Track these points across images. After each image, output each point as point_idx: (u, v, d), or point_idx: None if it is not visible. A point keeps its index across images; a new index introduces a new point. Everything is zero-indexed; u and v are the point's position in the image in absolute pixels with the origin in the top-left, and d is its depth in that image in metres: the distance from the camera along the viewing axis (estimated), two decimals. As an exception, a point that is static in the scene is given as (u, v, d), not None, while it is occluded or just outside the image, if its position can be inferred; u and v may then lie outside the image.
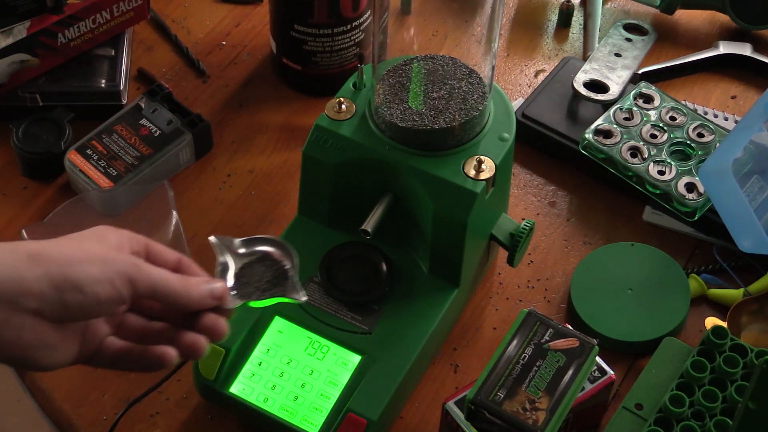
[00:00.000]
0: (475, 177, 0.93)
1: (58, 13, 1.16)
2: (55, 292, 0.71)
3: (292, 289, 0.86)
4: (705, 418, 0.92)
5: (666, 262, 1.07)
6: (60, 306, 0.72)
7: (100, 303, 0.73)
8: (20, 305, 0.70)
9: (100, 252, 0.74)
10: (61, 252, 0.73)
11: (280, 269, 0.87)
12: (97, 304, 0.73)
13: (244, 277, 0.85)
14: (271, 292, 0.85)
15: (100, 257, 0.74)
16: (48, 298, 0.71)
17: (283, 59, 1.21)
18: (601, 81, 1.18)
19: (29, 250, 0.72)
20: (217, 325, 0.79)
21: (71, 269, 0.72)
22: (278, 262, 0.87)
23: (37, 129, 1.14)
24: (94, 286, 0.72)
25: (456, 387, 1.00)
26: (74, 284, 0.72)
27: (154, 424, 0.98)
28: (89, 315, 0.74)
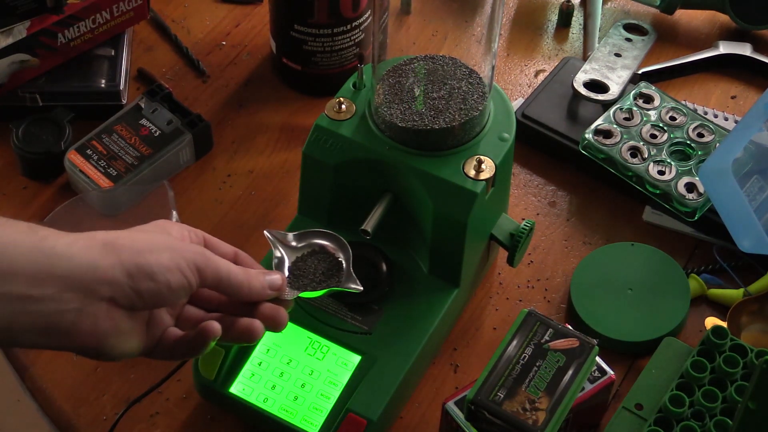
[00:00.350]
0: (475, 177, 0.93)
1: (58, 13, 1.16)
2: (128, 279, 0.73)
3: (347, 280, 0.89)
4: (705, 418, 0.92)
5: (666, 262, 1.07)
6: (133, 294, 0.74)
7: (170, 290, 0.75)
8: (96, 293, 0.72)
9: (169, 241, 0.77)
10: (132, 241, 0.75)
11: (333, 261, 0.90)
12: (168, 292, 0.75)
13: (298, 270, 0.88)
14: (326, 284, 0.89)
15: (170, 246, 0.76)
16: (122, 286, 0.73)
17: (283, 59, 1.21)
18: (601, 81, 1.17)
19: (103, 239, 0.74)
20: (278, 315, 0.81)
21: (144, 257, 0.74)
22: (331, 254, 0.90)
23: (37, 129, 1.14)
24: (166, 274, 0.74)
25: (456, 387, 1.00)
26: (147, 272, 0.74)
27: (154, 424, 0.98)
28: (160, 303, 0.76)
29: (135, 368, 1.01)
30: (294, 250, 0.90)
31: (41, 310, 0.71)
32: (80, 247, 0.73)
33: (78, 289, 0.72)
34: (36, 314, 0.71)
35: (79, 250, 0.72)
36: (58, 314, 0.71)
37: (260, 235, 1.10)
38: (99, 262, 0.72)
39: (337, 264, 0.90)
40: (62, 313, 0.71)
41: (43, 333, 0.72)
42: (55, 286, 0.71)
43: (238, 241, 1.09)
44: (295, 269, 0.88)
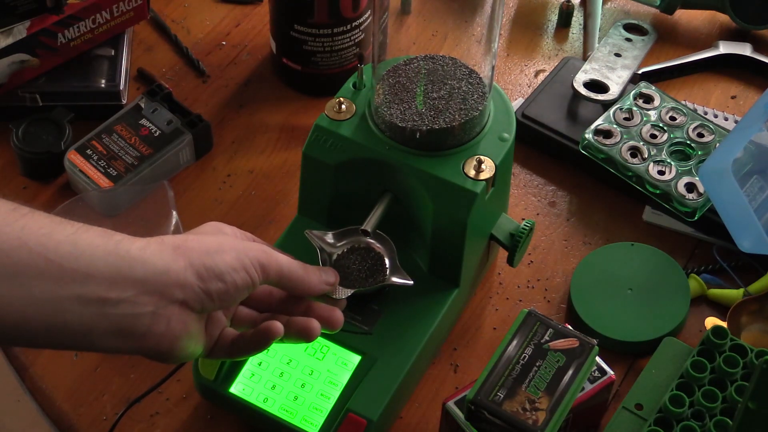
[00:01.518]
0: (475, 177, 0.93)
1: (58, 13, 1.16)
2: (199, 281, 0.75)
3: (393, 274, 0.92)
4: (705, 418, 0.92)
5: (666, 262, 1.07)
6: (204, 295, 0.75)
7: (237, 290, 0.77)
8: (170, 296, 0.74)
9: (232, 241, 0.79)
10: (200, 243, 0.77)
11: (375, 256, 0.93)
12: (235, 291, 0.77)
13: (341, 268, 0.92)
14: (374, 279, 0.92)
15: (233, 246, 0.78)
16: (193, 288, 0.75)
17: (283, 59, 1.21)
18: (601, 81, 1.18)
19: (173, 242, 0.76)
20: (333, 314, 0.84)
21: (212, 259, 0.76)
22: (372, 250, 0.94)
23: (37, 129, 1.14)
24: (233, 274, 0.76)
25: (456, 387, 1.00)
26: (216, 273, 0.76)
27: (154, 424, 0.98)
28: (227, 303, 0.78)
29: (135, 368, 1.01)
30: (335, 248, 0.93)
31: (118, 313, 0.72)
32: (153, 251, 0.74)
33: (153, 293, 0.73)
34: (113, 317, 0.72)
35: (152, 254, 0.74)
36: (134, 317, 0.73)
37: (260, 235, 1.09)
38: (171, 266, 0.74)
39: (380, 258, 0.92)
40: (138, 316, 0.73)
41: (120, 336, 0.73)
42: (131, 289, 0.72)
43: (238, 241, 1.09)
44: (338, 267, 0.91)
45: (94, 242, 0.73)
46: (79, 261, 0.71)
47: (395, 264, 0.93)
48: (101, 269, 0.72)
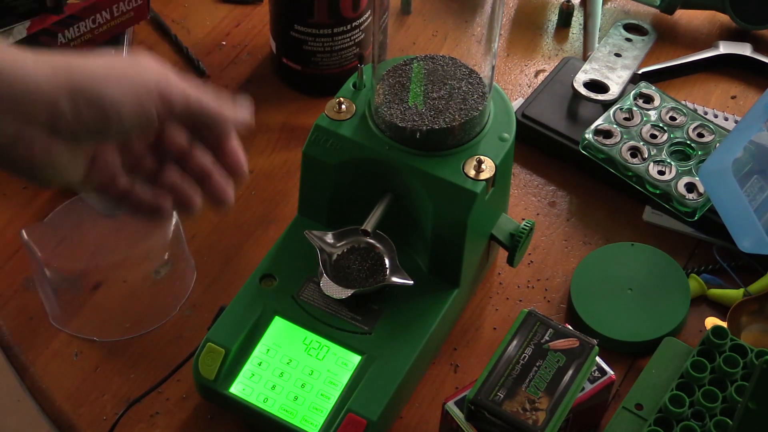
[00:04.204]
0: (475, 177, 0.93)
1: (58, 13, 1.16)
2: (72, 106, 0.67)
3: (394, 274, 0.92)
4: (705, 418, 0.92)
5: (666, 262, 1.07)
6: (76, 123, 0.68)
7: (122, 122, 0.69)
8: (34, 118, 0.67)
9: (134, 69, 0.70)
10: (87, 66, 0.69)
11: (375, 256, 0.93)
12: (119, 124, 0.69)
13: (342, 268, 0.91)
14: (374, 279, 0.92)
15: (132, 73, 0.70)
16: (64, 114, 0.67)
17: (283, 59, 1.21)
18: (601, 81, 1.18)
19: (55, 62, 0.68)
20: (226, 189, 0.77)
21: (96, 84, 0.68)
22: (372, 250, 0.93)
23: (37, 129, 1.14)
24: (116, 105, 0.68)
25: (456, 387, 1.00)
26: (95, 100, 0.68)
27: (154, 424, 0.98)
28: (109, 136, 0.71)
29: (135, 368, 1.01)
30: (334, 248, 0.92)
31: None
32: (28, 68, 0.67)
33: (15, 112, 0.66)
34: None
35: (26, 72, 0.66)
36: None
37: (260, 235, 1.10)
38: (42, 86, 0.66)
39: (380, 259, 0.92)
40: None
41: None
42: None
43: (238, 241, 1.09)
44: (338, 268, 0.91)
45: None
46: None
47: (395, 264, 0.93)
48: None
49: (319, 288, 0.97)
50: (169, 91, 0.71)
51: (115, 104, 0.68)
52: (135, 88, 0.69)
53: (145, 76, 0.70)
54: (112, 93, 0.68)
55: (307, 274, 0.98)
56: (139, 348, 1.02)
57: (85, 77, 0.68)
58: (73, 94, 0.67)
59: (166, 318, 1.04)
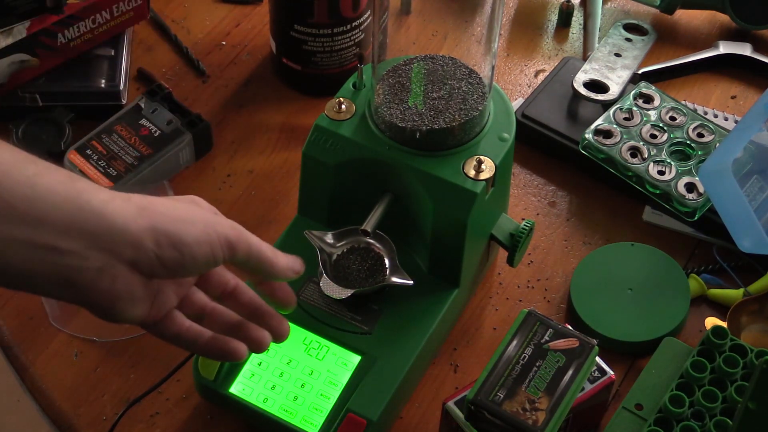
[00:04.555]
0: (475, 177, 0.93)
1: (58, 13, 1.16)
2: (155, 246, 0.72)
3: (394, 274, 0.92)
4: (705, 418, 0.92)
5: (666, 262, 1.07)
6: (156, 261, 0.73)
7: (195, 263, 0.74)
8: (120, 255, 0.71)
9: (204, 215, 0.76)
10: (167, 209, 0.74)
11: (375, 256, 0.93)
12: (192, 264, 0.74)
13: (341, 268, 0.91)
14: (374, 279, 0.92)
15: (204, 219, 0.75)
16: (146, 252, 0.72)
17: (283, 59, 1.21)
18: (601, 81, 1.17)
19: (139, 202, 0.73)
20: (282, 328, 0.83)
21: (176, 226, 0.73)
22: (372, 251, 0.94)
23: (37, 129, 1.15)
24: (193, 247, 0.74)
25: (456, 387, 1.00)
26: (175, 241, 0.73)
27: (154, 424, 0.98)
28: (181, 274, 0.75)
29: (135, 368, 1.01)
30: (334, 248, 0.93)
31: (64, 263, 0.70)
32: (115, 207, 0.72)
33: (103, 249, 0.71)
34: (58, 266, 0.70)
35: (113, 210, 0.71)
36: (79, 270, 0.71)
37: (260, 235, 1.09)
38: (130, 225, 0.71)
39: (380, 259, 0.93)
40: (83, 269, 0.71)
41: (61, 285, 0.71)
42: (82, 241, 0.70)
43: (238, 241, 1.09)
44: (338, 267, 0.91)
45: (54, 188, 0.70)
46: (33, 204, 0.69)
47: (395, 264, 0.93)
48: (55, 217, 0.69)
49: (319, 288, 0.97)
50: (236, 241, 0.76)
51: (192, 247, 0.74)
52: (209, 234, 0.75)
53: (218, 224, 0.76)
54: (190, 236, 0.74)
55: (307, 274, 0.98)
56: (139, 348, 1.02)
57: (167, 219, 0.73)
58: (156, 235, 0.72)
59: (166, 318, 1.04)
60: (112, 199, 0.72)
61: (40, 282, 0.71)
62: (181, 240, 0.73)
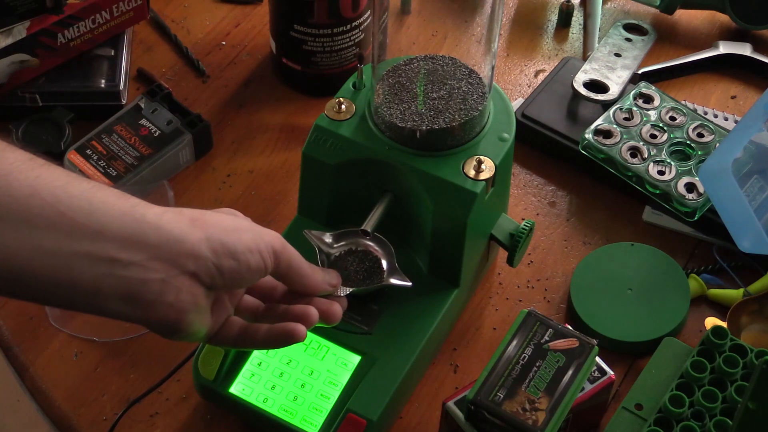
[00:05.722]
0: (474, 177, 0.93)
1: (57, 13, 1.16)
2: (213, 256, 0.73)
3: (390, 275, 0.92)
4: (705, 419, 0.92)
5: (666, 262, 1.07)
6: (216, 270, 0.74)
7: (249, 271, 0.76)
8: (181, 266, 0.72)
9: (249, 224, 0.78)
10: (218, 220, 0.75)
11: (372, 259, 0.93)
12: (247, 273, 0.76)
13: (339, 269, 0.91)
14: (371, 281, 0.92)
15: (251, 228, 0.77)
16: (206, 262, 0.73)
17: (283, 59, 1.21)
18: (601, 81, 1.18)
19: (191, 215, 0.74)
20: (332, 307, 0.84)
21: (228, 236, 0.74)
22: (370, 253, 0.93)
23: (36, 129, 1.15)
24: (247, 255, 0.75)
25: (456, 387, 1.00)
26: (230, 250, 0.74)
27: (153, 424, 0.98)
28: (237, 283, 0.77)
29: (135, 368, 1.01)
30: (332, 249, 0.93)
31: (128, 276, 0.70)
32: (169, 219, 0.73)
33: (165, 260, 0.71)
34: (122, 279, 0.70)
35: (168, 222, 0.72)
36: (143, 282, 0.71)
37: (260, 235, 1.10)
38: (187, 236, 0.72)
39: (377, 261, 0.93)
40: (148, 282, 0.71)
41: (128, 301, 0.71)
42: (143, 252, 0.71)
43: (238, 241, 1.09)
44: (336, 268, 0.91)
45: (109, 201, 0.71)
46: (91, 217, 0.69)
47: (393, 266, 0.93)
48: (113, 229, 0.70)
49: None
50: (280, 251, 0.78)
51: (247, 255, 0.75)
52: (258, 243, 0.76)
53: (264, 233, 0.78)
54: (243, 245, 0.75)
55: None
56: (139, 348, 1.02)
57: (219, 230, 0.75)
58: (213, 244, 0.73)
59: (166, 318, 1.04)
60: (165, 212, 0.73)
61: (105, 299, 0.71)
62: (236, 249, 0.74)
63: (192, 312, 0.74)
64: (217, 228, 0.74)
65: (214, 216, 0.76)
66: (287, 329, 0.80)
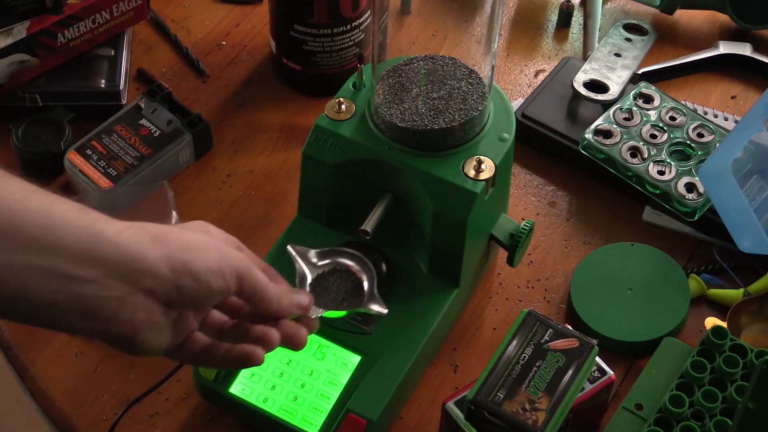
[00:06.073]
0: (474, 177, 0.93)
1: (57, 13, 1.16)
2: (171, 275, 0.72)
3: (369, 301, 0.89)
4: (705, 419, 0.92)
5: (666, 262, 1.07)
6: (174, 290, 0.72)
7: (210, 293, 0.74)
8: (138, 284, 0.71)
9: (216, 244, 0.76)
10: (182, 238, 0.74)
11: (355, 281, 0.90)
12: (207, 294, 0.74)
13: (319, 288, 0.89)
14: (348, 303, 0.89)
15: (217, 248, 0.75)
16: (164, 281, 0.72)
17: (283, 59, 1.21)
18: (601, 81, 1.17)
19: (153, 231, 0.73)
20: (298, 333, 0.81)
21: (190, 255, 0.73)
22: (353, 274, 0.91)
23: (36, 129, 1.14)
24: (208, 276, 0.73)
25: (456, 387, 1.00)
26: (191, 270, 0.73)
27: (153, 424, 0.98)
28: (197, 303, 0.75)
29: (135, 368, 1.01)
30: (316, 267, 0.90)
31: (84, 293, 0.70)
32: (129, 236, 0.71)
33: (122, 277, 0.70)
34: (78, 296, 0.69)
35: (128, 239, 0.71)
36: (100, 299, 0.70)
37: (260, 235, 1.10)
38: (147, 253, 0.71)
39: (359, 284, 0.90)
40: (104, 299, 0.70)
41: (83, 316, 0.70)
42: (100, 269, 0.70)
43: (238, 241, 1.09)
44: (316, 287, 0.89)
45: (67, 215, 0.70)
46: (48, 232, 0.69)
47: (373, 292, 0.91)
48: (70, 244, 0.69)
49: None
50: (244, 274, 0.76)
51: (208, 276, 0.73)
52: (221, 265, 0.74)
53: (230, 255, 0.76)
54: (204, 266, 0.73)
55: (307, 274, 0.98)
56: (139, 348, 1.02)
57: (181, 248, 0.73)
58: (173, 263, 0.72)
59: (166, 318, 1.04)
60: (126, 228, 0.72)
61: (60, 314, 0.70)
62: (197, 269, 0.73)
63: (147, 330, 0.73)
64: (180, 246, 0.73)
65: (178, 233, 0.75)
66: (244, 352, 0.79)
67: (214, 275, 0.74)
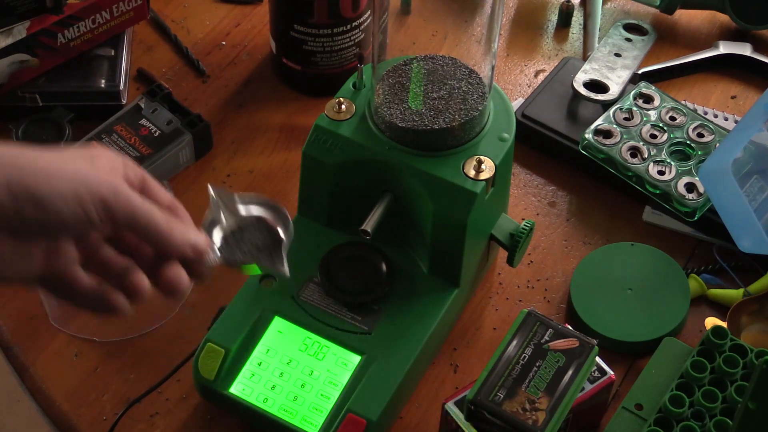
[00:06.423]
0: (474, 177, 0.93)
1: (57, 13, 1.16)
2: (12, 202, 0.66)
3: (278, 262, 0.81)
4: (705, 419, 0.92)
5: (666, 262, 1.07)
6: (16, 218, 0.66)
7: (63, 222, 0.67)
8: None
9: (77, 169, 0.69)
10: (33, 162, 0.67)
11: (273, 238, 0.82)
12: (60, 223, 0.67)
13: (233, 239, 0.80)
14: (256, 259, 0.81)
15: (75, 174, 0.68)
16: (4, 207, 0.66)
17: (283, 59, 1.21)
18: (601, 81, 1.17)
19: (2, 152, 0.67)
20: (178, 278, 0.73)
21: (35, 180, 0.66)
22: (273, 231, 0.83)
23: (37, 129, 1.14)
24: (58, 203, 0.67)
25: (456, 387, 1.00)
26: (35, 197, 0.66)
27: (153, 424, 0.98)
28: (51, 233, 0.69)
29: (135, 368, 1.01)
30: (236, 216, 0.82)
31: None
32: None
33: None
34: None
35: None
36: None
37: (260, 235, 1.10)
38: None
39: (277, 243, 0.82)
40: None
41: None
42: None
43: (238, 241, 1.09)
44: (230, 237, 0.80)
45: None
46: None
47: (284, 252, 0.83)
48: None
49: (320, 288, 0.97)
50: (113, 201, 0.69)
51: (57, 204, 0.67)
52: (76, 190, 0.67)
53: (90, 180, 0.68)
54: (51, 192, 0.67)
55: (307, 274, 0.98)
56: (139, 348, 1.02)
57: (27, 173, 0.66)
58: (13, 189, 0.66)
59: (166, 318, 1.04)
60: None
61: None
62: (41, 196, 0.66)
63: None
64: (26, 172, 0.66)
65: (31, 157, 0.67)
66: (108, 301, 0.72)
67: (66, 203, 0.67)
